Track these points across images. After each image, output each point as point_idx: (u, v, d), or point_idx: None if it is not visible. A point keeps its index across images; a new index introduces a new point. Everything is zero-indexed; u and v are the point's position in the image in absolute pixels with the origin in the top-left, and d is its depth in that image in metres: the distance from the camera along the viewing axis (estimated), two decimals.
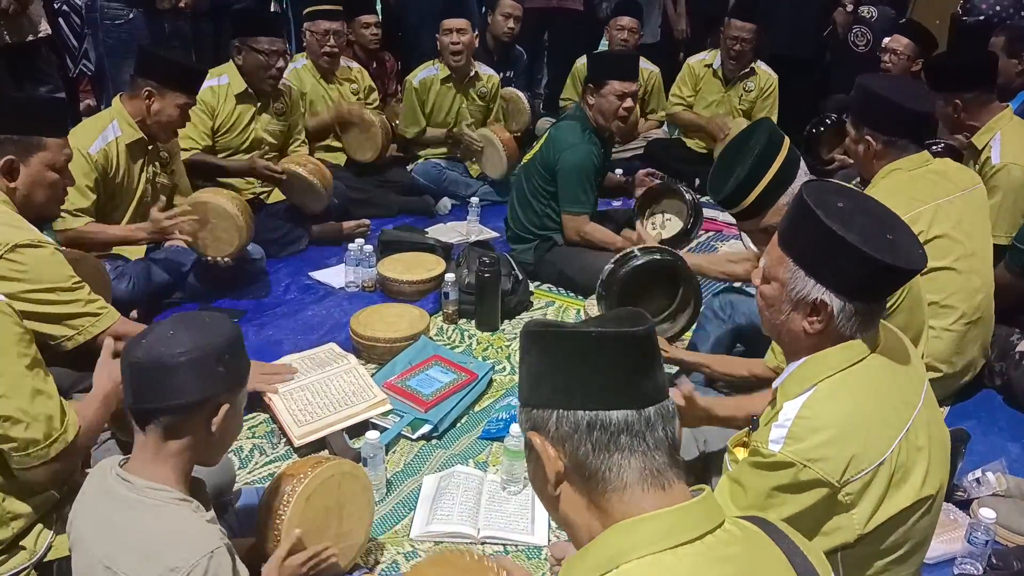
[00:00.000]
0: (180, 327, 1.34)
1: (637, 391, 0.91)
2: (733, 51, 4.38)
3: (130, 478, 1.30)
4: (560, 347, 0.93)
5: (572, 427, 0.91)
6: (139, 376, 1.31)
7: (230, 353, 1.35)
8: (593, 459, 0.91)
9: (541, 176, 3.26)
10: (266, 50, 3.39)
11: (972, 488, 2.12)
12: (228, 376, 1.35)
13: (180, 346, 1.30)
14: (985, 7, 4.16)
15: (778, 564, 0.93)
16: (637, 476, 0.90)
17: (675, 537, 0.87)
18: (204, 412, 1.33)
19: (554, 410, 0.93)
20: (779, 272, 1.33)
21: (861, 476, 1.24)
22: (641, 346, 0.92)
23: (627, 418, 0.90)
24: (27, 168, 2.01)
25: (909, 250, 1.27)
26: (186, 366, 1.29)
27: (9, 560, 1.60)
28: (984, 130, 2.84)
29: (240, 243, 2.88)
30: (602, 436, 0.90)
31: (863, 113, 2.39)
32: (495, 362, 2.78)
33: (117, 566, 1.25)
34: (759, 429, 1.36)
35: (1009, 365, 2.58)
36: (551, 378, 0.93)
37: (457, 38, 4.06)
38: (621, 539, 0.89)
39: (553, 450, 0.93)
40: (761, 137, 1.92)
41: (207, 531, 1.30)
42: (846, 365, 1.30)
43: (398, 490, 2.17)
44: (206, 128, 3.40)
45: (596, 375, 0.91)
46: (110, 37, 3.77)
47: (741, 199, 1.92)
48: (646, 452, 0.90)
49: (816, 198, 1.27)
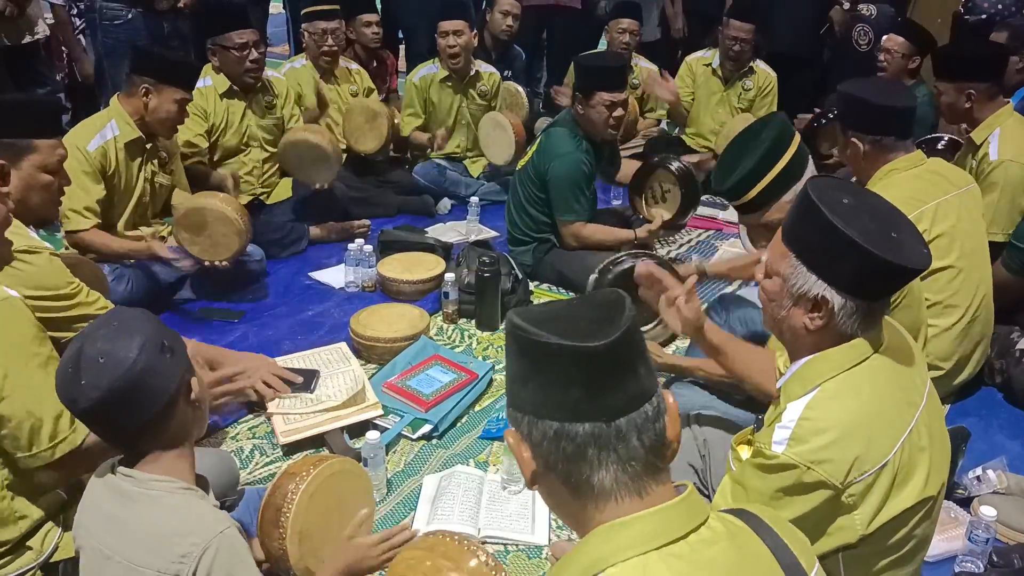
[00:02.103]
0: (102, 347, 1.24)
1: (604, 404, 0.88)
2: (732, 51, 4.39)
3: (133, 473, 1.29)
4: (528, 352, 0.90)
5: (541, 435, 0.90)
6: (109, 409, 1.24)
7: (164, 337, 1.29)
8: (564, 468, 0.90)
9: (533, 183, 3.24)
10: (236, 44, 3.37)
11: (973, 486, 2.12)
12: (177, 354, 1.31)
13: (123, 362, 1.22)
14: (987, 5, 4.15)
15: (763, 560, 0.93)
16: (610, 486, 0.89)
17: (658, 539, 0.87)
18: (181, 396, 1.31)
19: (526, 415, 0.91)
20: (781, 267, 1.33)
21: (864, 478, 1.24)
22: (605, 359, 0.87)
23: (594, 431, 0.87)
24: (18, 172, 1.98)
25: (913, 249, 1.26)
26: (145, 372, 1.23)
27: (16, 560, 1.60)
28: (984, 125, 2.84)
29: (239, 247, 2.88)
30: (570, 447, 0.88)
31: (846, 118, 2.43)
32: (495, 362, 2.78)
33: (128, 559, 1.24)
34: (762, 429, 1.36)
35: (1009, 363, 2.58)
36: (523, 383, 0.91)
37: (453, 40, 4.04)
38: (603, 543, 0.88)
39: (528, 451, 0.92)
40: (772, 131, 1.91)
41: (215, 514, 1.30)
42: (850, 365, 1.29)
43: (398, 490, 2.17)
44: (202, 129, 3.39)
45: (559, 387, 0.88)
46: (109, 37, 3.76)
47: (746, 191, 1.91)
48: (618, 463, 0.88)
49: (821, 194, 1.26)
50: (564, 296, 3.28)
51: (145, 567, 1.23)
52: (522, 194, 3.31)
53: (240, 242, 2.87)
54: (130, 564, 1.24)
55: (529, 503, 2.09)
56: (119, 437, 1.31)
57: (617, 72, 3.19)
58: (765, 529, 0.96)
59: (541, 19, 5.26)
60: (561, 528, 2.05)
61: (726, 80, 4.53)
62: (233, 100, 3.48)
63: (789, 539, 0.96)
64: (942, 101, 2.93)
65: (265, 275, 3.30)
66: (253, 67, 3.43)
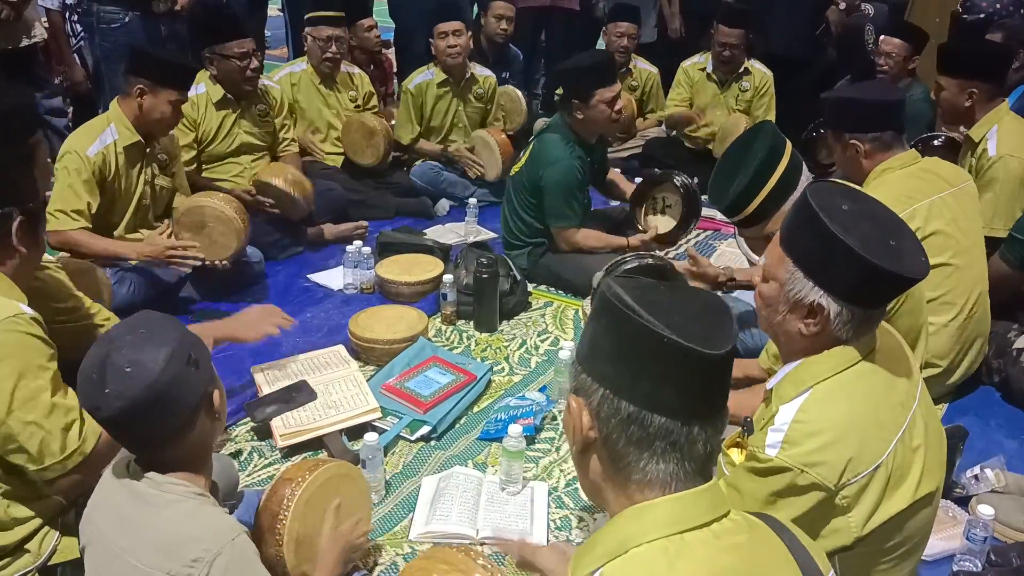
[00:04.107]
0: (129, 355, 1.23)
1: (689, 405, 0.88)
2: (723, 56, 4.44)
3: (149, 475, 1.29)
4: (627, 331, 0.88)
5: (612, 412, 0.90)
6: (131, 419, 1.23)
7: (191, 349, 1.29)
8: (623, 448, 0.90)
9: (526, 190, 3.24)
10: (236, 54, 3.36)
11: (970, 485, 2.12)
12: (202, 366, 1.31)
13: (149, 373, 1.22)
14: (986, 5, 4.15)
15: (781, 555, 0.94)
16: (661, 479, 0.90)
17: (683, 523, 0.88)
18: (202, 409, 1.32)
19: (602, 388, 0.91)
20: (778, 272, 1.33)
21: (858, 480, 1.24)
22: (711, 367, 0.87)
23: (669, 426, 0.88)
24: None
25: (911, 258, 1.25)
26: (171, 384, 1.23)
27: (13, 563, 1.61)
28: (982, 123, 2.85)
29: (238, 246, 2.89)
30: (638, 433, 0.89)
31: (839, 122, 2.44)
32: (494, 363, 2.78)
33: (138, 559, 1.24)
34: (754, 433, 1.36)
35: (1007, 362, 2.59)
36: (609, 357, 0.90)
37: (454, 40, 4.05)
38: (630, 524, 0.90)
39: (589, 420, 0.92)
40: (763, 143, 1.90)
41: (227, 521, 1.31)
42: (841, 368, 1.30)
43: (397, 491, 2.17)
44: (188, 140, 3.39)
45: (652, 378, 0.88)
46: (106, 41, 3.76)
47: (743, 207, 1.89)
48: (679, 461, 0.90)
49: (820, 200, 1.26)
50: (562, 297, 3.28)
51: (154, 569, 1.23)
52: (516, 200, 3.31)
53: (239, 242, 2.87)
54: (139, 564, 1.24)
55: (528, 504, 2.09)
56: (139, 445, 1.31)
57: (608, 66, 3.20)
58: (783, 529, 0.97)
59: (538, 20, 5.26)
60: (560, 529, 2.05)
61: (721, 83, 4.56)
62: (226, 109, 3.48)
63: (807, 543, 0.98)
64: (942, 97, 2.93)
65: (264, 277, 3.31)
66: (252, 76, 3.44)
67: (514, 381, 2.70)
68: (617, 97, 3.13)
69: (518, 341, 2.95)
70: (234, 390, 2.54)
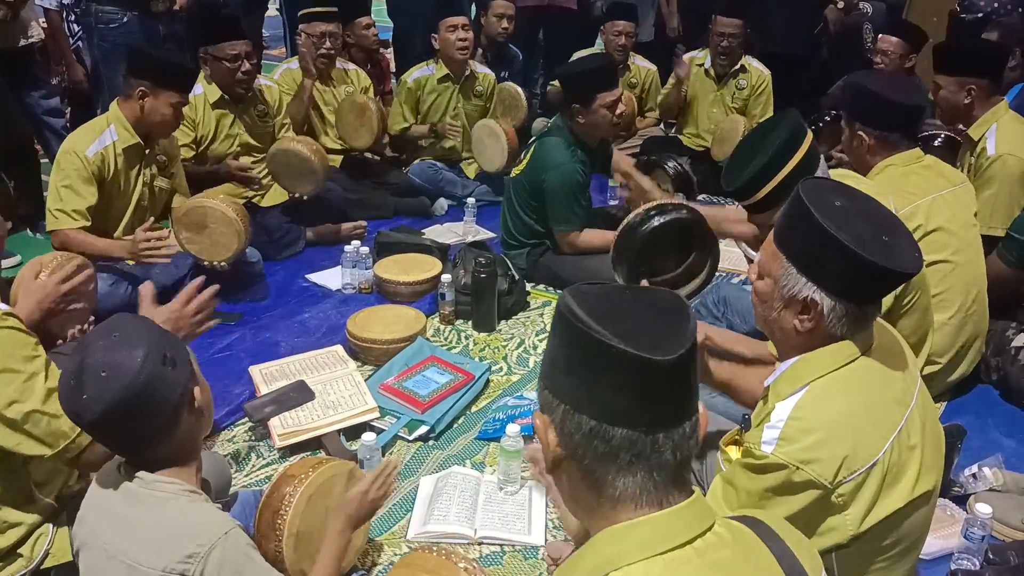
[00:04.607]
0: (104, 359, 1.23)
1: (649, 414, 0.86)
2: (721, 47, 4.42)
3: (139, 474, 1.29)
4: (579, 344, 0.86)
5: (575, 428, 0.88)
6: (112, 422, 1.24)
7: (167, 348, 1.29)
8: (591, 464, 0.88)
9: (527, 192, 3.23)
10: (229, 55, 3.35)
11: (969, 484, 2.12)
12: (179, 363, 1.30)
13: (125, 374, 1.22)
14: (984, 4, 4.15)
15: (767, 567, 0.92)
16: (632, 493, 0.88)
17: (665, 543, 0.86)
18: (184, 406, 1.31)
19: (562, 404, 0.89)
20: (773, 268, 1.33)
21: (854, 477, 1.24)
22: (664, 373, 0.84)
23: (632, 437, 0.85)
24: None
25: (904, 253, 1.25)
26: (149, 384, 1.23)
27: (6, 567, 1.60)
28: (980, 122, 2.85)
29: (238, 247, 2.88)
30: (602, 447, 0.86)
31: (855, 110, 2.42)
32: (492, 363, 2.78)
33: (132, 558, 1.24)
34: (751, 429, 1.36)
35: (1005, 360, 2.59)
36: (565, 371, 0.89)
37: (463, 34, 4.07)
38: (610, 545, 0.87)
39: (555, 437, 0.90)
40: (784, 129, 1.87)
41: (220, 516, 1.30)
42: (838, 365, 1.30)
43: (395, 491, 2.17)
44: (188, 140, 3.39)
45: (608, 389, 0.85)
46: (105, 41, 3.75)
47: (755, 190, 1.86)
48: (647, 472, 0.87)
49: (813, 196, 1.26)
50: None
51: (150, 567, 1.23)
52: (516, 201, 3.31)
53: (239, 243, 2.87)
54: (134, 564, 1.24)
55: (525, 504, 2.09)
56: (125, 447, 1.31)
57: (609, 70, 3.19)
58: (771, 535, 0.95)
59: (536, 19, 5.26)
60: (558, 529, 2.05)
61: (719, 79, 4.55)
62: (224, 110, 3.48)
63: (795, 546, 0.95)
64: (940, 96, 2.93)
65: (262, 277, 3.30)
66: (244, 79, 3.43)
67: (512, 381, 2.70)
68: (618, 101, 3.12)
69: (516, 341, 2.95)
70: (232, 390, 2.54)
